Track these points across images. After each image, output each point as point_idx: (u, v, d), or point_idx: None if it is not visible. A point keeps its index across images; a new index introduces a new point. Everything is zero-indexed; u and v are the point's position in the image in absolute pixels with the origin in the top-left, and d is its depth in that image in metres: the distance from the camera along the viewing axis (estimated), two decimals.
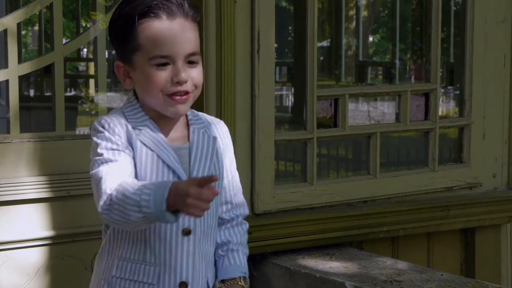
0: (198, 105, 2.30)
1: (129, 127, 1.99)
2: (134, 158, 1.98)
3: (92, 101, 8.15)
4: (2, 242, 3.00)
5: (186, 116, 2.08)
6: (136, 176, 1.97)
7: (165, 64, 1.95)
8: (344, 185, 3.64)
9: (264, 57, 3.33)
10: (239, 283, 2.13)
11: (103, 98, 7.80)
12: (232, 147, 2.18)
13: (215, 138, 2.09)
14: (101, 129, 1.99)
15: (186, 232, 2.00)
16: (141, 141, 1.98)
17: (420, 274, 3.17)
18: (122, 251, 2.03)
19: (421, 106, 3.88)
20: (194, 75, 1.98)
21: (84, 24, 9.72)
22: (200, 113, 2.14)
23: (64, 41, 3.25)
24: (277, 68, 9.97)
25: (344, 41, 9.92)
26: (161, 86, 1.95)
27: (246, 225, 2.22)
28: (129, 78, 2.02)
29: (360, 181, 3.69)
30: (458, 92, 4.26)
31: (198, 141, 2.06)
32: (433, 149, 3.85)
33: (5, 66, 3.11)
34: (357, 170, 5.63)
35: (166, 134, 2.03)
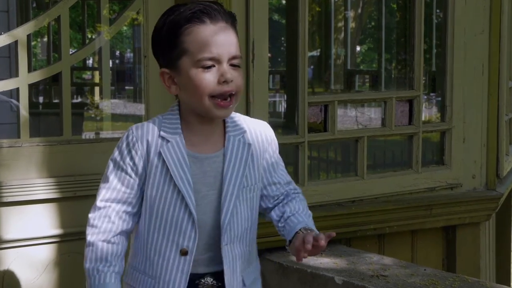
0: None
1: (155, 138, 1.95)
2: (143, 174, 1.96)
3: (97, 107, 8.13)
4: (14, 240, 2.99)
5: (224, 122, 2.03)
6: (146, 191, 1.96)
7: (210, 67, 1.92)
8: (334, 186, 3.64)
9: (258, 66, 3.33)
10: (301, 232, 2.00)
11: (107, 105, 7.80)
12: (274, 144, 2.11)
13: (249, 145, 2.02)
14: (124, 138, 1.98)
15: (184, 253, 1.95)
16: (162, 155, 1.94)
17: (404, 269, 3.17)
18: (131, 259, 2.05)
19: (405, 112, 3.88)
20: (237, 76, 1.94)
21: (89, 36, 9.70)
22: (242, 117, 2.09)
23: (71, 51, 3.24)
24: (271, 76, 9.96)
25: (333, 51, 9.90)
26: (208, 88, 1.91)
27: (301, 195, 2.15)
28: (174, 84, 1.98)
29: (349, 182, 3.69)
30: (439, 98, 4.25)
31: (233, 149, 2.00)
32: (416, 152, 3.85)
33: (16, 75, 3.10)
34: (345, 172, 5.62)
35: (201, 141, 1.99)
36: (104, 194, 1.98)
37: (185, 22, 1.93)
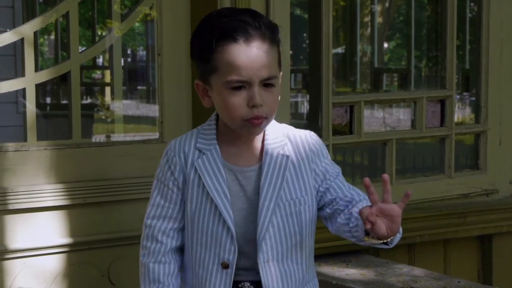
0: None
1: (191, 150, 2.02)
2: (185, 187, 2.03)
3: (108, 108, 8.18)
4: (21, 249, 3.01)
5: (264, 134, 2.04)
6: (186, 205, 2.03)
7: (240, 88, 1.92)
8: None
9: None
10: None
11: (119, 106, 7.84)
12: (321, 153, 2.08)
13: (287, 157, 2.03)
14: (164, 153, 2.06)
15: (225, 266, 2.00)
16: (197, 169, 2.00)
17: (437, 281, 3.16)
18: (182, 273, 2.12)
19: (437, 112, 3.87)
20: (268, 100, 1.95)
21: (100, 33, 9.76)
22: (284, 128, 2.08)
23: (80, 49, 3.26)
24: (292, 75, 9.96)
25: (359, 47, 9.90)
26: (238, 112, 1.93)
27: (367, 199, 2.11)
28: (208, 97, 2.00)
29: (376, 188, 3.67)
30: (474, 98, 4.24)
31: (271, 162, 2.02)
32: (449, 156, 3.84)
33: (22, 74, 3.13)
34: (372, 177, 5.61)
35: (238, 152, 2.02)
36: (149, 211, 2.07)
37: (218, 38, 1.92)
